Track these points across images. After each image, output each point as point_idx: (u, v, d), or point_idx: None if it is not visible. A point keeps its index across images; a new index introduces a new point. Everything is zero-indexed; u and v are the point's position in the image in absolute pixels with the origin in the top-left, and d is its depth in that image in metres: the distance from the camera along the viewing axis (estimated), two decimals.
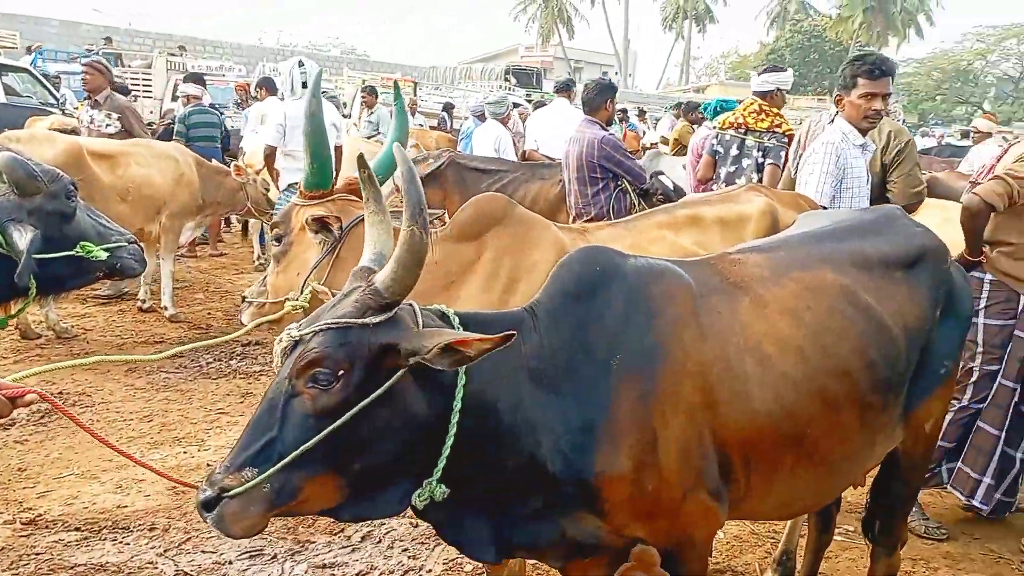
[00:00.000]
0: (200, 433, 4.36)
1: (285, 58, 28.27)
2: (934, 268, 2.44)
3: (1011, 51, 42.83)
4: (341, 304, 1.59)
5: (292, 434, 1.51)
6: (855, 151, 3.68)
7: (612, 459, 1.81)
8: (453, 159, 6.70)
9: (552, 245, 2.91)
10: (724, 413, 1.94)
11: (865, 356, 2.17)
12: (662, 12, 51.92)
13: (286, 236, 2.90)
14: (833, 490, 2.47)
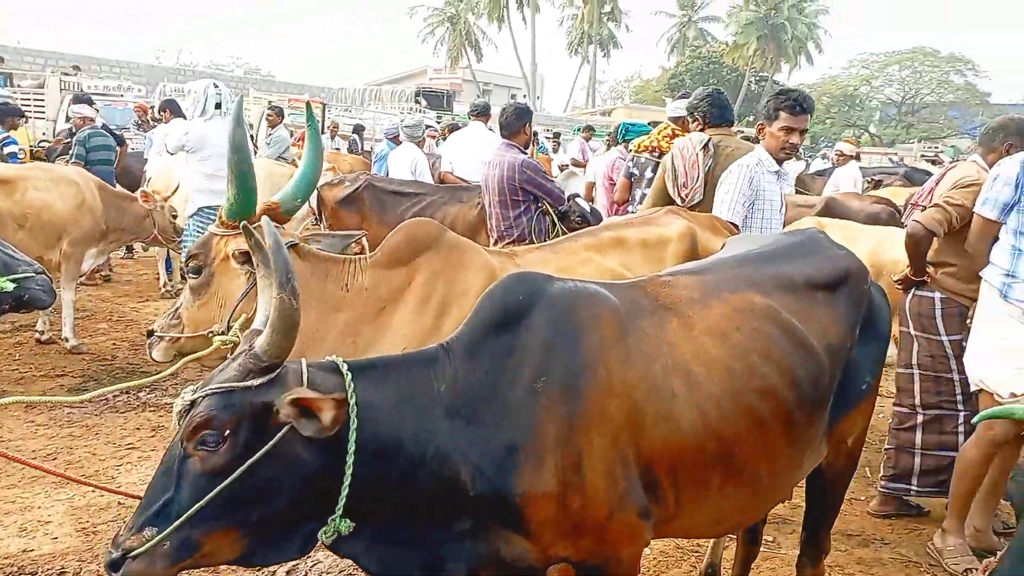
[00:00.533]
0: (109, 470, 4.15)
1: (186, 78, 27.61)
2: (855, 289, 2.55)
3: (894, 77, 45.57)
4: (228, 367, 1.68)
5: (187, 493, 1.59)
6: (769, 176, 3.86)
7: (536, 479, 1.83)
8: (370, 182, 6.65)
9: (483, 269, 2.93)
10: (651, 432, 1.98)
11: (790, 375, 2.25)
12: (567, 36, 53.00)
13: (206, 267, 2.78)
14: (762, 507, 2.53)
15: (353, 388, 1.70)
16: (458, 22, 50.86)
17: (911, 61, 44.51)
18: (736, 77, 48.49)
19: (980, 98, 43.88)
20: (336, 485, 1.67)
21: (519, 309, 1.95)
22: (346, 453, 1.66)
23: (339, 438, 1.66)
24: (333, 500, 1.67)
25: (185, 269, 2.86)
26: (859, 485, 4.54)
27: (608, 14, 50.50)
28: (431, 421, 1.79)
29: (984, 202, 3.47)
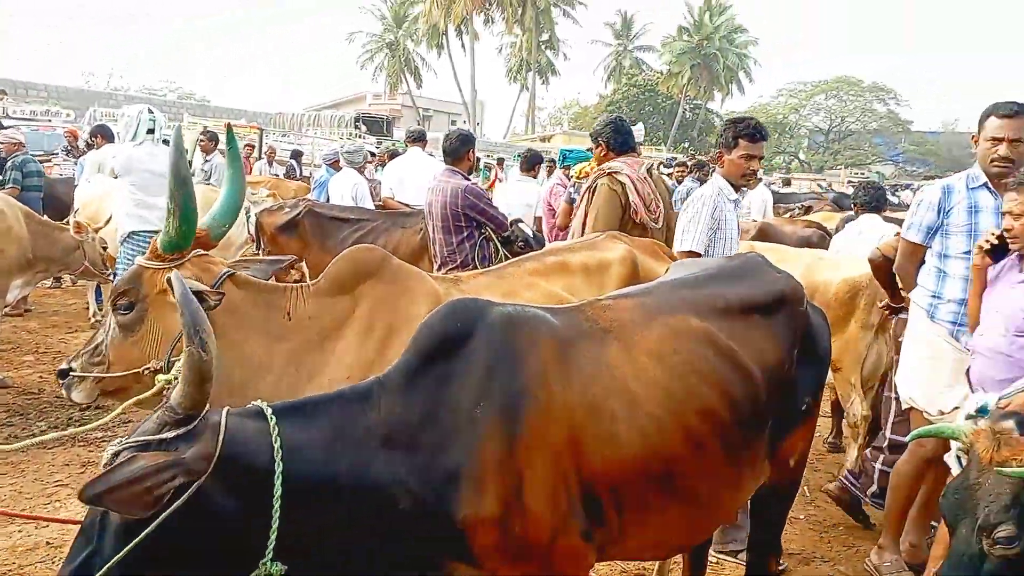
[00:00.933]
0: (38, 509, 3.97)
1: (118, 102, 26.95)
2: (792, 311, 2.61)
3: (820, 106, 47.31)
4: (149, 420, 1.64)
5: (108, 546, 1.57)
6: (728, 205, 3.91)
7: (478, 504, 1.82)
8: (311, 208, 6.57)
9: (427, 296, 2.91)
10: (592, 454, 1.99)
11: (728, 396, 2.28)
12: (506, 63, 53.58)
13: (139, 302, 2.63)
14: (706, 527, 2.56)
15: (277, 432, 1.67)
16: (397, 48, 50.97)
17: (836, 90, 46.30)
18: (671, 104, 49.68)
19: (902, 125, 45.84)
20: (264, 530, 1.63)
21: (458, 335, 1.94)
22: (272, 498, 1.62)
23: (264, 484, 1.63)
24: (263, 545, 1.63)
25: (113, 304, 2.66)
26: (798, 504, 4.62)
27: (546, 42, 51.26)
28: (366, 454, 1.76)
29: (909, 227, 3.58)
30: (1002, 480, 1.93)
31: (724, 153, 3.94)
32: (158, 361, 2.57)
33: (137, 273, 2.66)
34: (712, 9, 49.97)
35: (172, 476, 1.54)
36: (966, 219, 3.43)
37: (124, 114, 6.12)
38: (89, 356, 2.66)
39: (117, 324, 2.64)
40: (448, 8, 45.57)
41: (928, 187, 3.64)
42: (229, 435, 1.62)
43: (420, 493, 1.77)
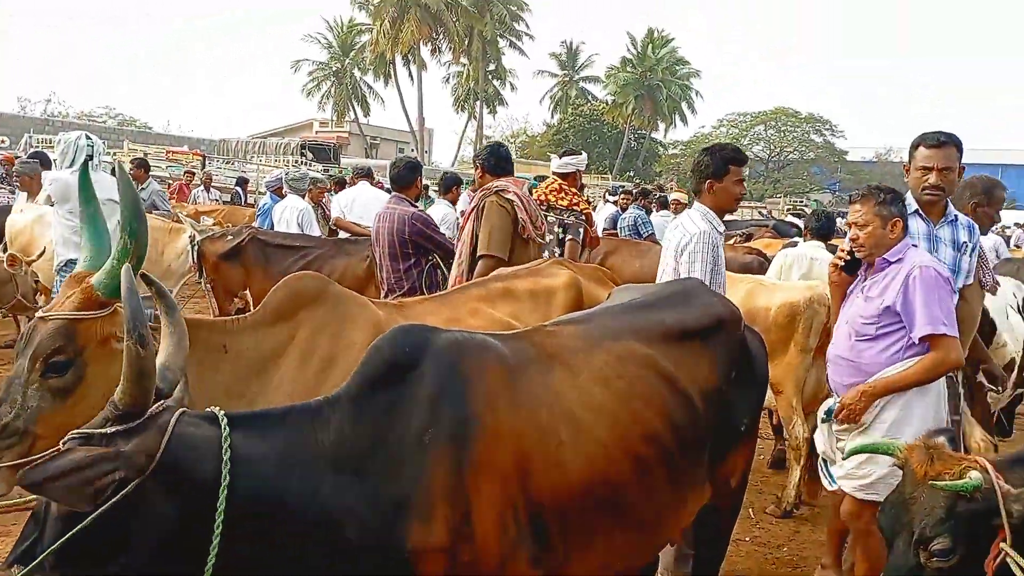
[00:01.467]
0: None
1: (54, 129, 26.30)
2: (729, 335, 2.68)
3: (760, 136, 48.52)
4: (97, 416, 1.63)
5: (49, 535, 1.54)
6: (720, 239, 3.75)
7: (426, 533, 1.81)
8: (255, 235, 6.50)
9: (368, 322, 2.89)
10: (539, 479, 2.00)
11: (670, 420, 2.33)
12: (454, 93, 53.91)
13: (76, 359, 2.28)
14: (649, 549, 2.59)
15: (229, 442, 1.64)
16: (344, 77, 50.90)
17: (775, 121, 47.60)
18: (616, 134, 50.48)
19: (838, 155, 47.28)
20: (205, 543, 1.58)
21: (405, 361, 1.94)
22: (216, 510, 1.59)
23: (208, 493, 1.59)
24: (203, 559, 1.59)
25: (43, 369, 2.25)
26: (743, 526, 4.68)
27: (493, 72, 51.77)
28: (315, 476, 1.74)
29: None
30: (936, 494, 2.00)
31: (713, 182, 3.69)
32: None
33: (69, 328, 2.29)
34: (655, 42, 51.12)
35: (112, 469, 1.53)
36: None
37: (61, 140, 5.97)
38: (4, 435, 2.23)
39: (47, 390, 2.27)
40: (395, 37, 45.71)
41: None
42: (176, 436, 1.60)
43: (368, 521, 1.76)
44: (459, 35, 47.91)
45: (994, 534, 1.95)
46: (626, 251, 8.14)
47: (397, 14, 45.41)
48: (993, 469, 2.00)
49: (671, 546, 2.78)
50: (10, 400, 2.25)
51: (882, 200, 3.19)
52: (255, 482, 1.66)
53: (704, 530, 2.85)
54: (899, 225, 3.18)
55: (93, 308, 2.30)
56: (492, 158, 4.70)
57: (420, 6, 45.09)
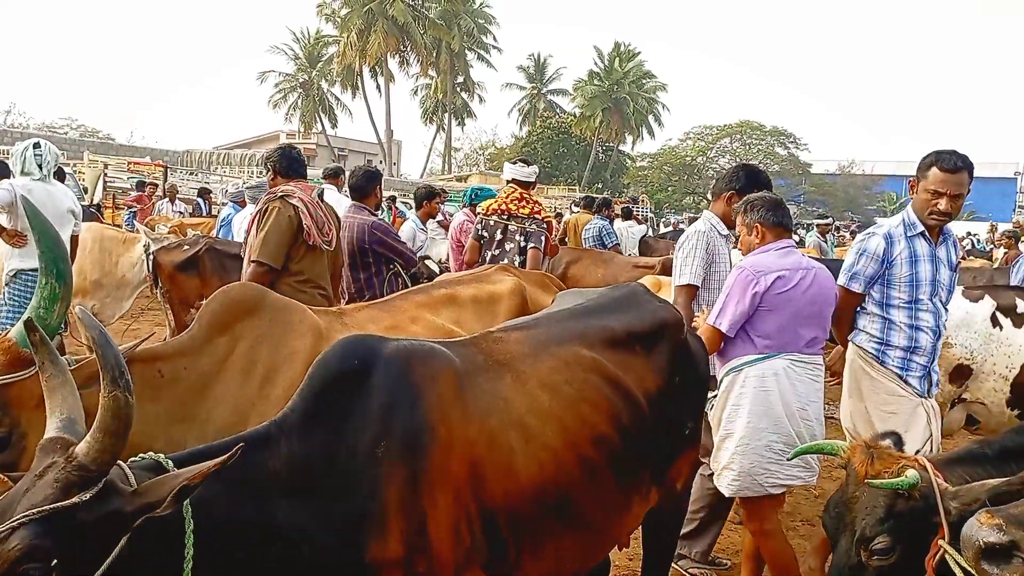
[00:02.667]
0: None
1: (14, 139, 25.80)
2: (671, 339, 2.71)
3: (727, 148, 49.16)
4: (36, 488, 1.45)
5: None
6: (720, 239, 3.93)
7: (383, 546, 1.80)
8: (211, 245, 6.41)
9: (309, 330, 2.84)
10: (491, 487, 2.00)
11: (617, 423, 2.35)
12: (422, 105, 53.91)
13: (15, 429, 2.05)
14: (598, 551, 2.59)
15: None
16: (311, 88, 50.69)
17: (740, 134, 48.27)
18: (584, 147, 50.80)
19: (802, 168, 48.02)
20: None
21: (354, 374, 1.92)
22: (185, 550, 1.55)
23: (175, 541, 1.55)
24: None
25: None
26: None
27: (461, 84, 51.89)
28: (269, 504, 1.71)
29: (851, 276, 3.53)
30: (877, 494, 2.02)
31: (736, 196, 3.86)
32: None
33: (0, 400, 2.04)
34: (621, 55, 51.63)
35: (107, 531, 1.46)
36: (908, 270, 3.42)
37: (13, 151, 5.90)
38: None
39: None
40: (362, 49, 45.64)
41: (868, 237, 3.57)
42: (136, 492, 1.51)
43: (325, 539, 1.74)
44: (427, 47, 47.95)
45: (934, 531, 1.98)
46: (588, 260, 8.18)
47: (364, 26, 45.37)
48: (932, 467, 2.03)
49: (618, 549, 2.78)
50: None
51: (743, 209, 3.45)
52: (214, 522, 1.61)
53: (651, 536, 2.88)
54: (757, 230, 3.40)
55: (20, 368, 2.05)
56: (283, 160, 4.48)
57: (387, 18, 45.07)
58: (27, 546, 1.39)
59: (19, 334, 2.02)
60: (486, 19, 51.04)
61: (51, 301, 2.04)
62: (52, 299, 2.04)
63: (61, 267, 2.08)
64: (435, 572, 1.87)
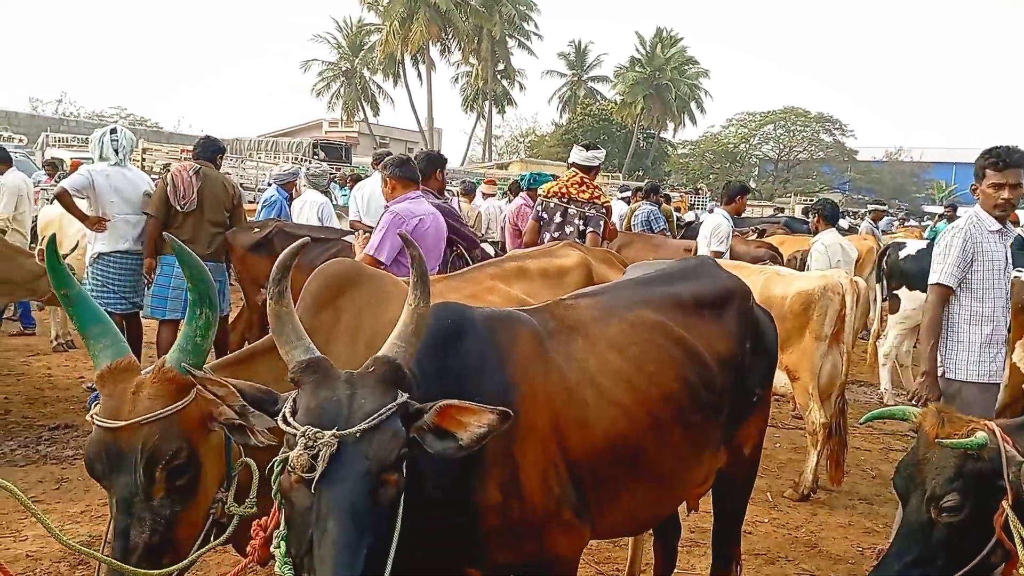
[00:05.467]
0: (14, 524, 3.97)
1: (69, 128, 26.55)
2: (740, 307, 2.86)
3: (770, 135, 48.48)
4: (366, 382, 1.70)
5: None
6: (989, 236, 3.80)
7: (484, 492, 1.97)
8: (281, 227, 6.64)
9: (404, 298, 3.02)
10: (571, 439, 2.16)
11: (683, 381, 2.50)
12: (462, 93, 54.05)
13: (192, 455, 2.04)
14: (669, 504, 2.74)
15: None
16: (353, 77, 51.12)
17: (784, 120, 47.56)
18: (625, 134, 50.53)
19: (848, 155, 47.19)
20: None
21: (450, 333, 2.09)
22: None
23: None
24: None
25: (165, 478, 2.00)
26: (762, 509, 4.84)
27: (501, 72, 51.90)
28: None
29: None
30: (946, 454, 2.14)
31: (978, 185, 3.86)
32: (222, 489, 2.17)
33: (173, 427, 2.03)
34: (663, 41, 51.16)
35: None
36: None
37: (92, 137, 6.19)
38: (146, 564, 1.98)
39: (173, 495, 2.03)
40: (405, 37, 45.91)
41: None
42: None
43: (441, 480, 1.90)
44: (468, 35, 48.05)
45: (1002, 493, 2.09)
46: (640, 244, 8.29)
47: (406, 14, 45.60)
48: (1001, 432, 2.14)
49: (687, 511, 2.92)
50: (137, 521, 1.99)
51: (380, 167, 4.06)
52: None
53: (721, 500, 3.01)
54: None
55: (184, 395, 2.06)
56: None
57: (429, 6, 45.26)
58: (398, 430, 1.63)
59: (176, 361, 2.07)
60: (527, 6, 50.91)
61: (205, 329, 2.13)
62: (206, 327, 2.13)
63: (212, 297, 2.17)
64: (528, 516, 2.04)
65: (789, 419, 6.78)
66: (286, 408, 1.65)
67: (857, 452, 5.99)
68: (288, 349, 1.75)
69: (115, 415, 1.99)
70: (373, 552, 1.52)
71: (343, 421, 1.58)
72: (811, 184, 46.20)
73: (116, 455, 1.98)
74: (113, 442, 1.98)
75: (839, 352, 5.16)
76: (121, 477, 1.98)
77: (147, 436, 1.97)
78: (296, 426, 1.57)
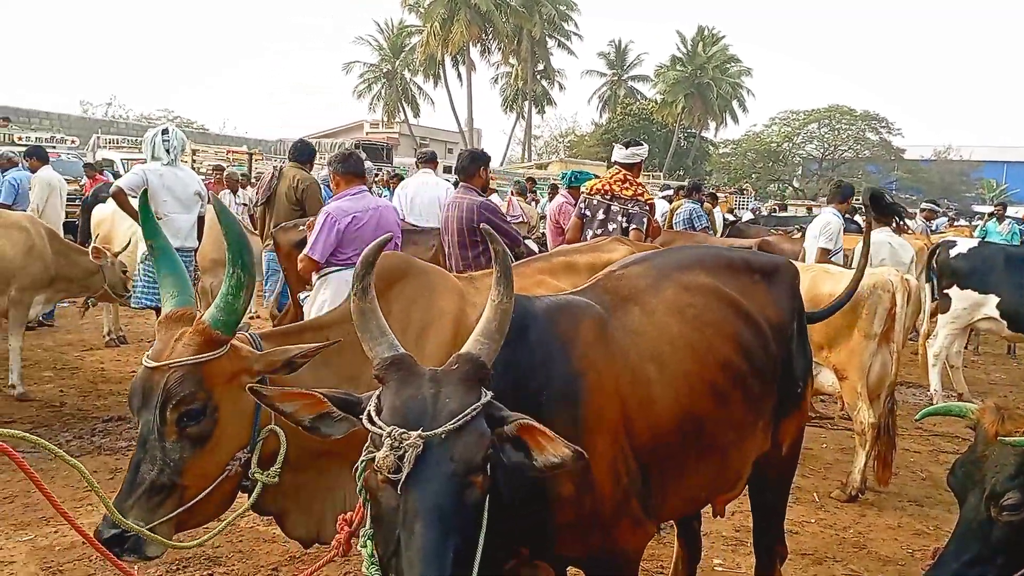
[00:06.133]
0: (71, 510, 4.06)
1: (118, 130, 27.16)
2: (790, 280, 2.82)
3: (814, 134, 47.73)
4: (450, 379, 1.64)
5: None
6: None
7: (558, 486, 1.92)
8: None
9: (452, 291, 3.06)
10: (637, 421, 2.12)
11: (740, 344, 2.45)
12: (502, 93, 54.18)
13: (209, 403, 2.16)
14: (723, 482, 2.62)
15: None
16: (394, 78, 51.54)
17: (829, 119, 46.79)
18: (666, 133, 50.18)
19: (895, 154, 46.27)
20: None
21: (513, 328, 2.07)
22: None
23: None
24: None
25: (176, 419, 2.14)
26: (809, 509, 4.77)
27: (541, 72, 51.91)
28: None
29: None
30: (1007, 451, 2.09)
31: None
32: (244, 450, 2.26)
33: (196, 374, 2.17)
34: (705, 40, 50.71)
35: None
36: None
37: (144, 137, 6.34)
38: (146, 498, 2.13)
39: (187, 439, 2.17)
40: (445, 38, 46.17)
41: None
42: None
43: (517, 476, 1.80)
44: (508, 35, 48.16)
45: None
46: (682, 242, 8.21)
47: (447, 15, 45.86)
48: None
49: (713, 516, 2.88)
50: (149, 457, 2.14)
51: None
52: None
53: (762, 494, 2.94)
54: None
55: (213, 348, 2.18)
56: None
57: (470, 7, 45.46)
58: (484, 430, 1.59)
59: (211, 317, 2.19)
60: (568, 5, 50.85)
61: (238, 288, 2.24)
62: (239, 287, 2.24)
63: (246, 258, 2.27)
64: (598, 509, 2.00)
65: (837, 419, 6.68)
66: (370, 406, 1.62)
67: (907, 453, 5.88)
68: (372, 345, 1.72)
69: (156, 357, 2.18)
70: (460, 554, 1.50)
71: (428, 421, 1.54)
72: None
73: (146, 393, 2.15)
74: (147, 381, 2.15)
75: (889, 351, 5.05)
76: (145, 414, 2.15)
77: (170, 379, 2.12)
78: (382, 426, 1.54)
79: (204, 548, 3.75)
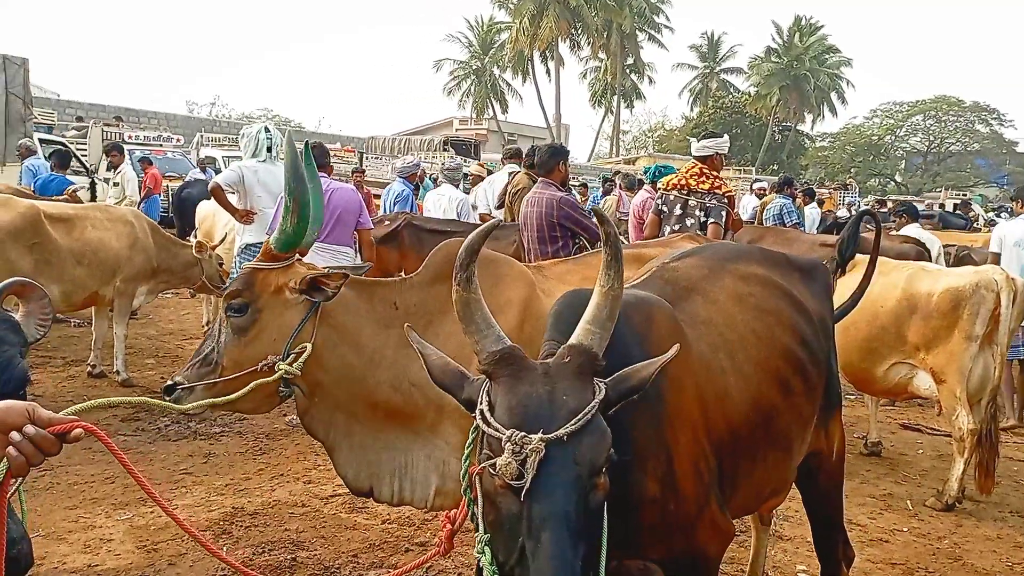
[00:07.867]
0: (166, 493, 4.28)
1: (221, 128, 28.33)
2: (827, 280, 2.81)
3: (918, 126, 45.66)
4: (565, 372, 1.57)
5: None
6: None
7: (643, 486, 1.84)
8: (409, 221, 6.86)
9: (520, 278, 3.06)
10: (714, 414, 2.05)
11: (799, 334, 2.42)
12: (591, 88, 53.85)
13: (252, 303, 2.67)
14: (785, 476, 2.53)
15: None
16: (483, 75, 51.95)
17: (935, 110, 44.64)
18: (759, 127, 48.90)
19: (1007, 147, 43.76)
20: None
21: None
22: None
23: None
24: None
25: (226, 308, 2.69)
26: (902, 517, 4.57)
27: (631, 66, 51.34)
28: None
29: None
30: None
31: None
32: (275, 356, 2.63)
33: (248, 276, 2.71)
34: (802, 30, 49.15)
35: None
36: None
37: (244, 134, 6.53)
38: (198, 366, 2.67)
39: (231, 327, 2.67)
40: (534, 34, 46.23)
41: None
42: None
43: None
44: (597, 30, 47.82)
45: None
46: (772, 238, 7.97)
47: (536, 10, 45.90)
48: None
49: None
50: (214, 334, 2.72)
51: None
52: None
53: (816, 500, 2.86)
54: None
55: (269, 261, 2.73)
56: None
57: (559, 2, 45.37)
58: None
59: (275, 239, 2.71)
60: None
61: (287, 213, 2.67)
62: (287, 211, 2.67)
63: (293, 187, 2.67)
64: (681, 509, 1.92)
65: (933, 424, 6.37)
66: (483, 405, 1.53)
67: (1009, 462, 5.56)
68: (478, 339, 1.65)
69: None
70: (588, 560, 1.46)
71: (547, 421, 1.45)
72: (964, 178, 43.14)
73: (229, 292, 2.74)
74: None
75: (991, 354, 4.78)
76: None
77: (235, 280, 2.75)
78: (500, 429, 1.46)
79: (289, 532, 3.91)
